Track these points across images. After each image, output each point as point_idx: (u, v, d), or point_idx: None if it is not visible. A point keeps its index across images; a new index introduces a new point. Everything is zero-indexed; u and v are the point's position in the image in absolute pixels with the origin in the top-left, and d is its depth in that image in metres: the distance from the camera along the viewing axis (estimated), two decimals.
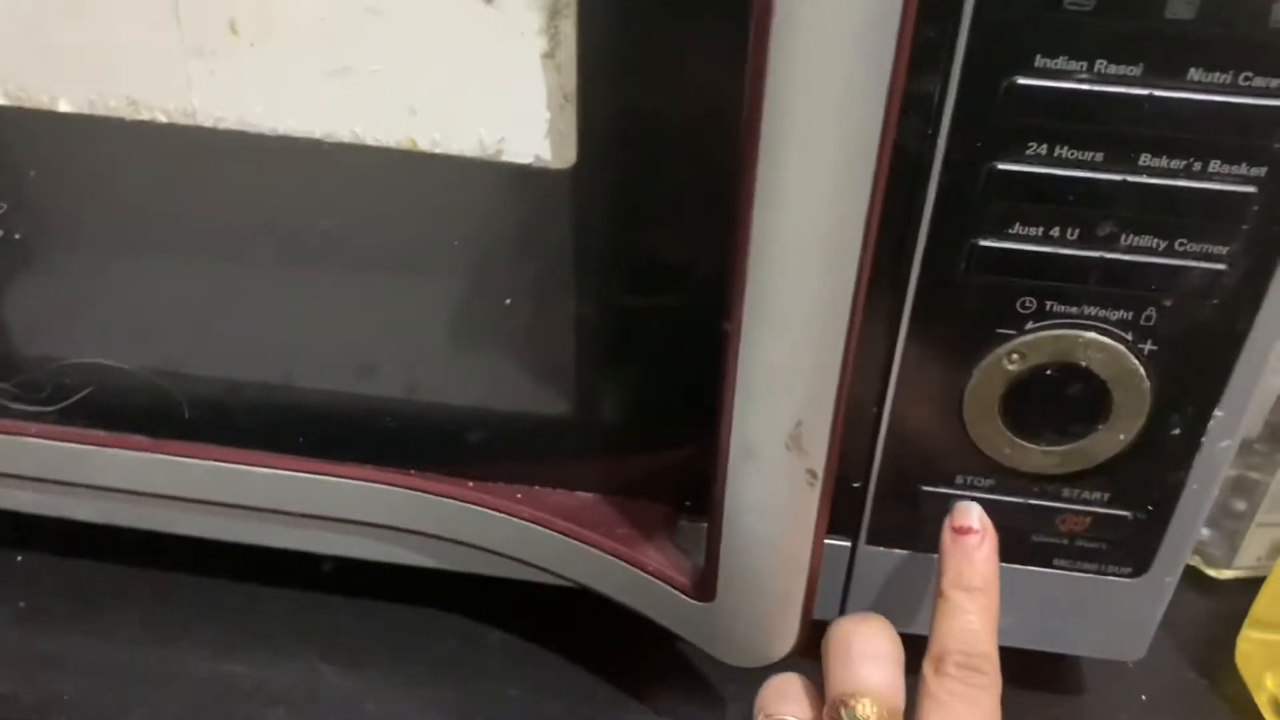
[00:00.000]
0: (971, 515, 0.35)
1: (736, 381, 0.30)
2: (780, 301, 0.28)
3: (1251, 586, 0.44)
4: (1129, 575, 0.37)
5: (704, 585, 0.36)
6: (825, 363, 0.29)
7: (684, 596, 0.37)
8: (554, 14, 0.30)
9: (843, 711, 0.33)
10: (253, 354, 0.38)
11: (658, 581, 0.37)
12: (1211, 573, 0.48)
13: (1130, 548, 0.37)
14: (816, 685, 0.36)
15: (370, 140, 0.32)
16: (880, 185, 0.27)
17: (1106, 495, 0.36)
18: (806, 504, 0.32)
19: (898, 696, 0.34)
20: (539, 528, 0.38)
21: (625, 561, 0.37)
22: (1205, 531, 0.49)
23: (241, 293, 0.37)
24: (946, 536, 0.35)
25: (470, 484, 0.39)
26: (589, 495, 0.39)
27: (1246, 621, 0.43)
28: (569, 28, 0.30)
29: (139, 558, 0.46)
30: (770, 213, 0.27)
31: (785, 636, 0.36)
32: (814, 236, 0.28)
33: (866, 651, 0.34)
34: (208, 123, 0.33)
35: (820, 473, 0.31)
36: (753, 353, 0.29)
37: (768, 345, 0.29)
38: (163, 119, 0.33)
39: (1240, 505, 0.48)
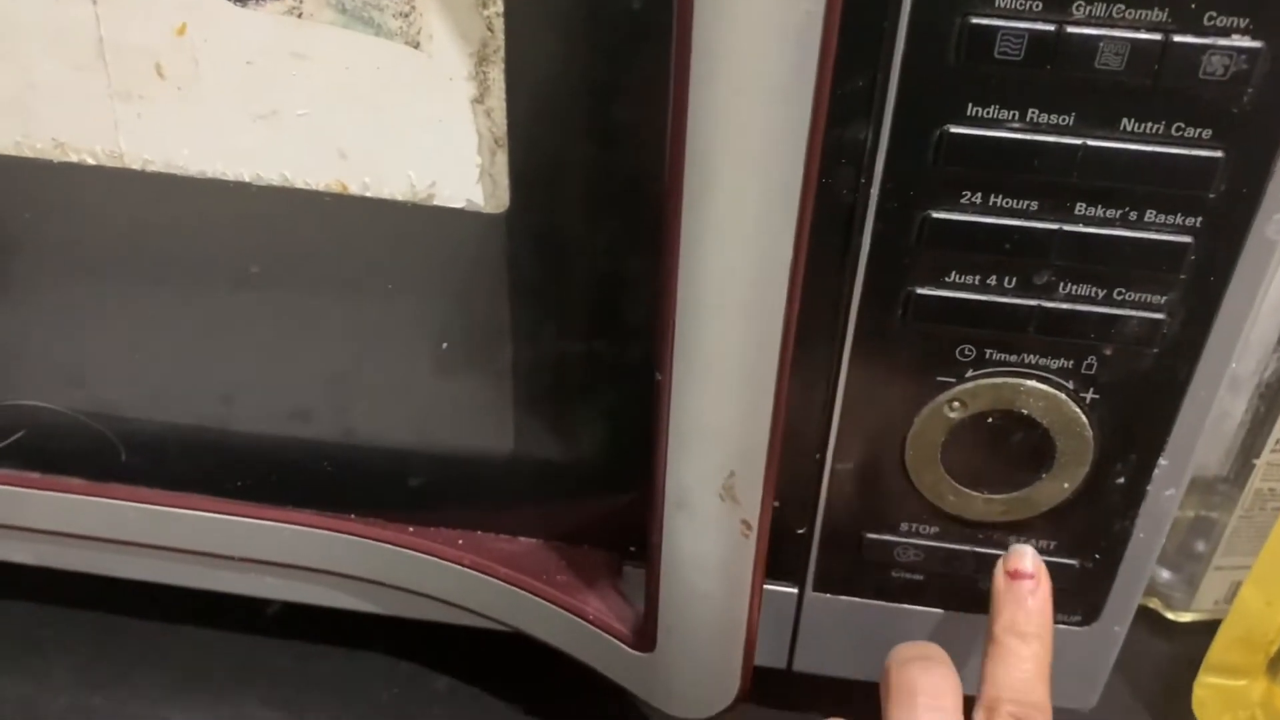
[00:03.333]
0: (1026, 559, 0.34)
1: (669, 432, 0.30)
2: (708, 352, 0.28)
3: (1211, 629, 0.43)
4: (1078, 624, 0.37)
5: (644, 635, 0.35)
6: (755, 413, 0.29)
7: (624, 646, 0.36)
8: (482, 60, 0.29)
9: None
10: (188, 397, 0.38)
11: (598, 631, 0.36)
12: (1171, 616, 0.47)
13: (1079, 596, 0.36)
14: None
15: (300, 183, 0.32)
16: (804, 233, 0.26)
17: (1053, 544, 0.35)
18: (742, 554, 0.32)
19: None
20: (480, 574, 0.38)
21: (566, 610, 0.37)
22: (1166, 574, 0.48)
23: (176, 335, 0.36)
24: (999, 580, 0.34)
25: (411, 529, 0.39)
26: (531, 541, 0.39)
27: (1202, 667, 0.43)
28: (497, 74, 0.29)
29: (77, 601, 0.46)
30: (695, 261, 0.27)
31: (727, 687, 0.35)
32: (739, 286, 0.27)
33: (932, 705, 0.32)
34: (135, 165, 0.32)
35: (755, 524, 0.31)
36: (683, 404, 0.29)
37: (697, 396, 0.29)
38: (90, 161, 0.33)
39: (1200, 547, 0.48)
